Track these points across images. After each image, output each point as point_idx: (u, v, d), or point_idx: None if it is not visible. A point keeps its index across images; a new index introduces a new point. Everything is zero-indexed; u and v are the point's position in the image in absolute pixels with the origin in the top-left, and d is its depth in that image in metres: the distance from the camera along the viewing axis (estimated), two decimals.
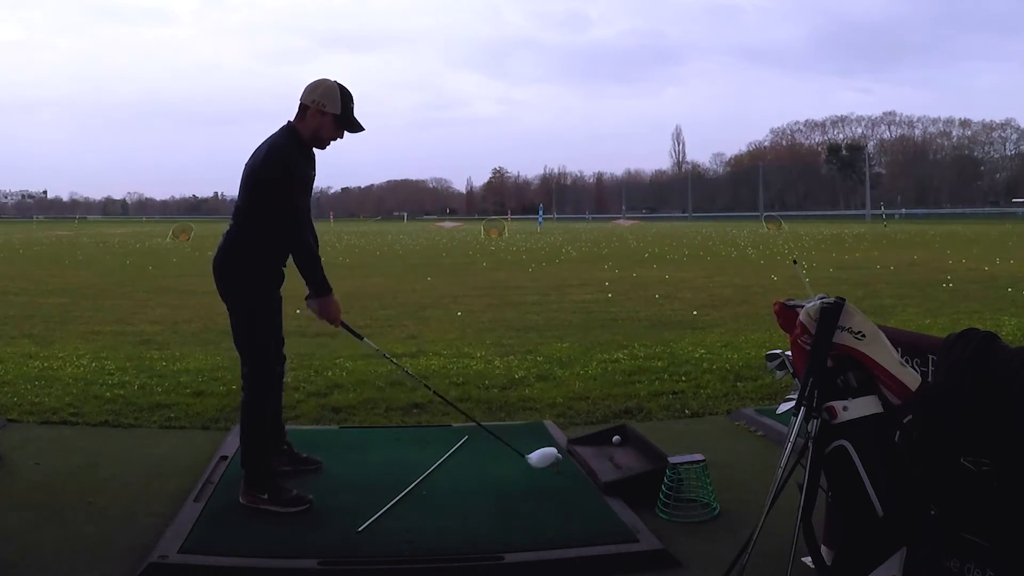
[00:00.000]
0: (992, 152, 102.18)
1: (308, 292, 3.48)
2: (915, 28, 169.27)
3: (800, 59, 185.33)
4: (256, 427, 3.41)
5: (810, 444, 2.44)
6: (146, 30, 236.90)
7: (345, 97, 3.37)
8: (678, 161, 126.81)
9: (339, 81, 3.41)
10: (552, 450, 3.85)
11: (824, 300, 2.49)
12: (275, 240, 3.38)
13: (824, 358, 2.45)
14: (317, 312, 3.50)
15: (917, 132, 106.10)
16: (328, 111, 3.33)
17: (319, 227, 3.93)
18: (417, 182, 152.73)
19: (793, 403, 2.52)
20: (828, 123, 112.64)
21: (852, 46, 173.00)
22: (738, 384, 5.75)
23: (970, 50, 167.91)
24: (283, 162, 3.28)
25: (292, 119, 3.41)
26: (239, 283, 3.40)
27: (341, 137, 3.46)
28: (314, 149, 3.50)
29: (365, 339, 3.82)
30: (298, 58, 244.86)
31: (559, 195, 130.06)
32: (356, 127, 3.46)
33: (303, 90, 3.38)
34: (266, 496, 3.29)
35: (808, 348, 2.48)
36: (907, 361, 2.57)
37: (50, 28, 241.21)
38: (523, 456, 3.82)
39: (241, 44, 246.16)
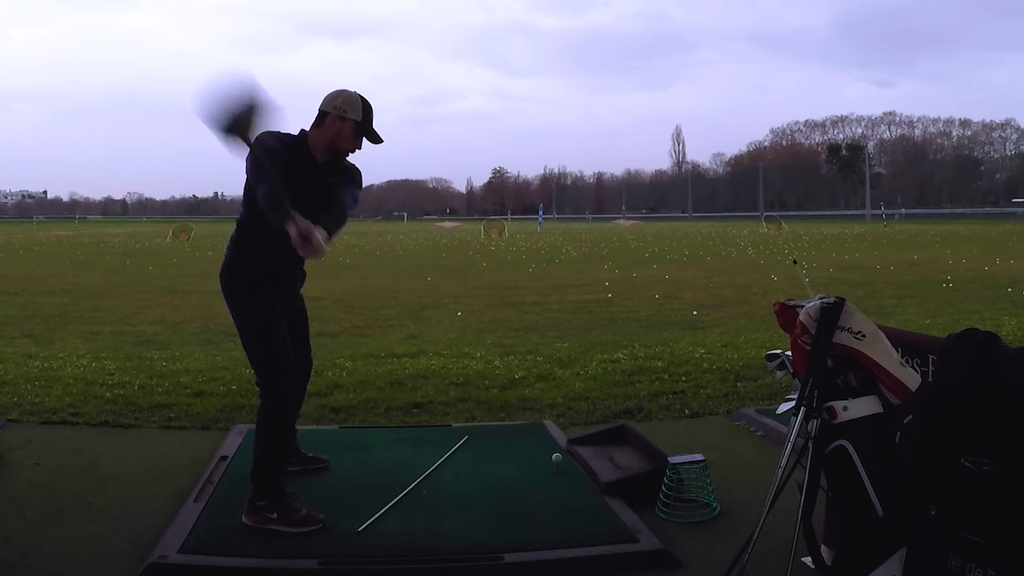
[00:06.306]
0: (992, 152, 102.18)
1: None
2: (935, 16, 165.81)
3: (815, 48, 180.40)
4: (271, 438, 3.31)
5: (810, 444, 2.45)
6: (115, 17, 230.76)
7: (366, 107, 3.38)
8: (678, 161, 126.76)
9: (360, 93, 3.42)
10: None
11: (824, 300, 2.49)
12: (271, 240, 3.18)
13: (824, 358, 2.45)
14: (304, 252, 3.05)
15: (917, 132, 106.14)
16: (349, 117, 3.33)
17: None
18: (417, 182, 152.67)
19: (793, 403, 2.52)
20: (828, 123, 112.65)
21: (872, 35, 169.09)
22: (738, 384, 5.75)
23: (987, 41, 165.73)
24: (262, 136, 3.12)
25: (308, 127, 3.37)
26: (239, 293, 3.37)
27: (359, 148, 3.44)
28: (334, 158, 3.43)
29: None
30: (276, 47, 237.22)
31: (559, 195, 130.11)
32: (375, 138, 3.45)
33: (323, 99, 3.38)
34: (275, 515, 3.18)
35: (808, 348, 2.48)
36: (907, 361, 2.57)
37: (10, 18, 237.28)
38: None
39: (213, 31, 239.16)
